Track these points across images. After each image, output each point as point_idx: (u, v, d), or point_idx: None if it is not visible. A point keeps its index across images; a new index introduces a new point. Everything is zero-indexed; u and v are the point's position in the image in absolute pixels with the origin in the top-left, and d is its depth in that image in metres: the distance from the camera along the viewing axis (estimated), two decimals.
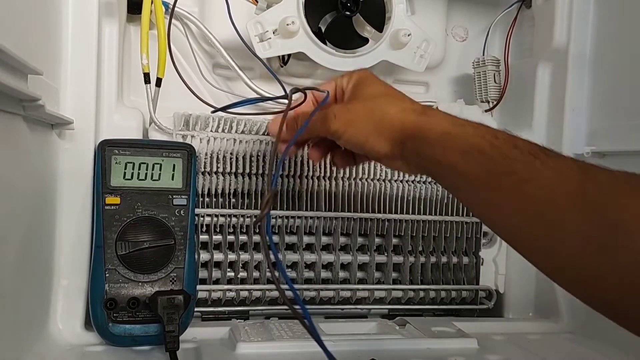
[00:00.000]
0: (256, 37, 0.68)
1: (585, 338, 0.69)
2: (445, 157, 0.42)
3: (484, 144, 0.40)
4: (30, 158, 0.50)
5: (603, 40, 0.73)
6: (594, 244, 0.34)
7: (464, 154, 0.41)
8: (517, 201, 0.38)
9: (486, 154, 0.40)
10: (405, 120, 0.46)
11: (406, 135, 0.45)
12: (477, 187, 0.41)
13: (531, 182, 0.37)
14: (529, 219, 0.37)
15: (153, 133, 0.66)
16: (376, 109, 0.47)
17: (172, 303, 0.55)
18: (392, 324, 0.68)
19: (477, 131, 0.42)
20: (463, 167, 0.41)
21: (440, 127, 0.44)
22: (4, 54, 0.34)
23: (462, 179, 0.42)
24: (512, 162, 0.38)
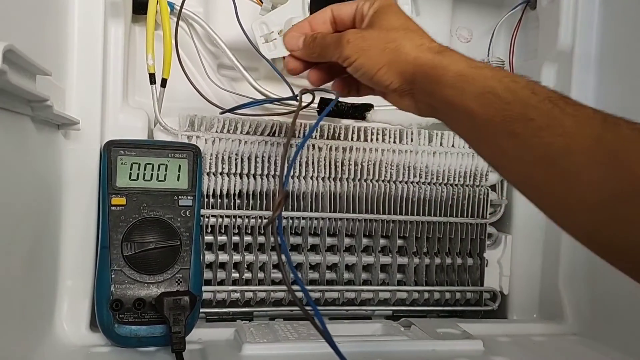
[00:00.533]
0: (261, 38, 0.67)
1: (589, 340, 0.69)
2: (458, 99, 0.41)
3: (501, 88, 0.38)
4: (36, 158, 0.50)
5: (608, 42, 0.73)
6: (613, 197, 0.33)
7: (479, 96, 0.39)
8: (533, 149, 0.36)
9: (502, 98, 0.38)
10: (420, 57, 0.44)
11: (419, 72, 0.44)
12: (490, 132, 0.39)
13: (549, 130, 0.35)
14: (544, 167, 0.36)
15: (158, 134, 0.66)
16: (392, 41, 0.45)
17: (178, 304, 0.55)
18: (397, 325, 0.68)
19: (495, 74, 0.40)
20: (477, 111, 0.39)
21: (456, 67, 0.42)
22: (14, 55, 0.34)
23: (475, 124, 0.40)
24: (530, 108, 0.37)
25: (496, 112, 0.38)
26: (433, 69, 0.43)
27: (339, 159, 0.70)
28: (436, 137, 0.73)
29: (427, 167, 0.73)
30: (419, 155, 0.72)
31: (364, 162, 0.71)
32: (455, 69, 0.42)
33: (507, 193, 0.77)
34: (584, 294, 0.72)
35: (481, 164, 0.74)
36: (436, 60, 0.43)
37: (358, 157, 0.71)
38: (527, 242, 0.77)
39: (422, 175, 0.73)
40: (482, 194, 0.75)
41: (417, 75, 0.44)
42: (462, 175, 0.74)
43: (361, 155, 0.71)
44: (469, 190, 0.74)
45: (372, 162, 0.71)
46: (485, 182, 0.75)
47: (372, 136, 0.71)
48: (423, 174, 0.73)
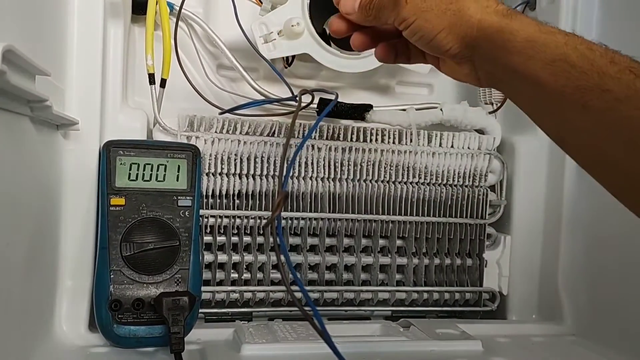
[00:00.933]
0: (261, 38, 0.68)
1: (588, 341, 0.69)
2: (526, 66, 0.37)
3: (576, 56, 0.35)
4: (36, 159, 0.50)
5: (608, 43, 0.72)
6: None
7: (549, 64, 0.36)
8: (610, 123, 0.34)
9: (577, 66, 0.35)
10: (485, 20, 0.40)
11: (483, 36, 0.40)
12: (561, 104, 0.36)
13: (628, 103, 0.33)
14: (622, 144, 0.33)
15: (157, 134, 0.66)
16: (454, 2, 0.42)
17: (177, 304, 0.55)
18: (396, 325, 0.68)
19: (569, 40, 0.37)
20: (546, 80, 0.36)
21: (525, 32, 0.38)
22: (14, 55, 0.34)
23: (543, 94, 0.37)
24: (607, 78, 0.34)
25: (568, 81, 0.35)
26: (499, 33, 0.39)
27: (338, 159, 0.70)
28: (435, 137, 0.73)
29: (426, 167, 0.73)
30: (418, 156, 0.72)
31: (363, 163, 0.71)
32: (524, 33, 0.38)
33: (506, 194, 0.77)
34: (583, 294, 0.72)
35: (480, 164, 0.74)
36: (503, 24, 0.39)
37: (357, 157, 0.71)
38: (526, 243, 0.77)
39: (422, 176, 0.73)
40: (482, 195, 0.75)
41: (481, 40, 0.40)
42: (462, 175, 0.74)
43: (360, 155, 0.71)
44: (468, 191, 0.74)
45: (371, 163, 0.71)
46: (484, 182, 0.75)
47: (371, 136, 0.71)
48: (422, 175, 0.73)
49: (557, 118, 0.38)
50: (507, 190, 0.77)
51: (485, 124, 0.76)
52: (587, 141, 0.36)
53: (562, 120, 0.37)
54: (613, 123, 0.34)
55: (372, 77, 0.78)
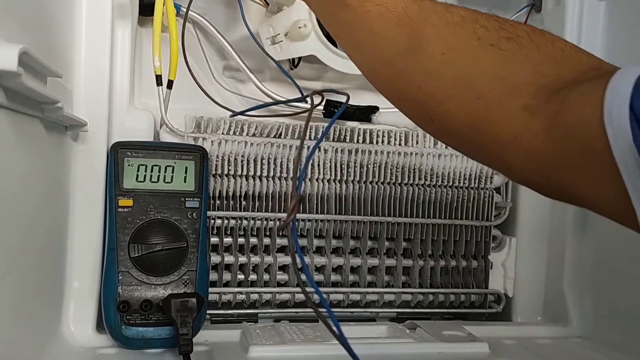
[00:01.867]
0: (267, 40, 0.68)
1: (594, 343, 0.69)
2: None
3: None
4: (46, 160, 0.50)
5: (614, 45, 0.73)
6: (404, 50, 0.40)
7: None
8: (357, 15, 0.41)
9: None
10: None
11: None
12: (329, 3, 0.44)
13: (371, 1, 0.41)
14: (363, 31, 0.42)
15: (164, 135, 0.66)
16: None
17: (186, 306, 0.55)
18: (402, 327, 0.68)
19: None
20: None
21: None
22: (28, 57, 0.34)
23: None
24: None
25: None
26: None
27: (344, 161, 0.70)
28: None
29: (432, 169, 0.73)
30: (424, 158, 0.73)
31: (369, 165, 0.71)
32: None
33: (512, 196, 0.77)
34: (589, 296, 0.72)
35: (486, 167, 0.74)
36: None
37: (363, 159, 0.71)
38: (532, 245, 0.77)
39: (427, 178, 0.73)
40: (487, 197, 0.75)
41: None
42: (467, 177, 0.74)
43: (366, 157, 0.71)
44: (473, 193, 0.74)
45: (377, 165, 0.71)
46: (490, 184, 0.75)
47: (377, 138, 0.71)
48: (428, 177, 0.73)
49: (329, 16, 0.45)
50: (513, 192, 0.77)
51: None
52: (346, 32, 0.44)
53: (333, 17, 0.44)
54: (360, 15, 0.41)
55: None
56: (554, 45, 0.38)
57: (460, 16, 0.40)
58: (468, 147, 0.43)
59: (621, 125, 0.30)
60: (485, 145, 0.39)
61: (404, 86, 0.41)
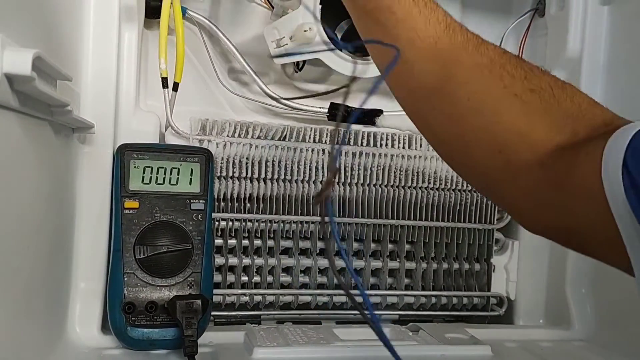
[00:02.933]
0: (273, 43, 0.68)
1: (596, 346, 0.69)
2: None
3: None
4: (54, 162, 0.50)
5: (617, 50, 0.73)
6: (431, 88, 0.40)
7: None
8: (389, 37, 0.41)
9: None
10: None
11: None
12: (364, 17, 0.44)
13: (404, 23, 0.41)
14: (389, 57, 0.41)
15: (170, 137, 0.66)
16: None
17: (191, 307, 0.55)
18: (405, 330, 0.68)
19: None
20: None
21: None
22: (41, 61, 0.35)
23: (355, 7, 0.45)
24: (396, 3, 0.41)
25: (369, 1, 0.42)
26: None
27: (348, 163, 0.70)
28: None
29: (435, 172, 0.73)
30: (428, 161, 0.73)
31: (373, 167, 0.71)
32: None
33: None
34: (591, 300, 0.72)
35: None
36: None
37: (367, 162, 0.71)
38: (534, 248, 0.77)
39: (431, 181, 0.73)
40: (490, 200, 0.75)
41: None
42: None
43: (370, 160, 0.71)
44: (477, 196, 0.75)
45: (381, 167, 0.71)
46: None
47: (381, 141, 0.72)
48: (432, 180, 0.73)
49: (363, 29, 0.45)
50: None
51: None
52: (377, 51, 0.44)
53: (366, 31, 0.44)
54: (391, 38, 0.41)
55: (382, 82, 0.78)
56: (572, 101, 0.39)
57: (489, 59, 0.40)
58: (485, 190, 0.46)
59: (615, 180, 0.33)
60: (501, 191, 0.42)
61: (429, 122, 0.42)
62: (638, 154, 0.33)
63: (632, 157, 0.33)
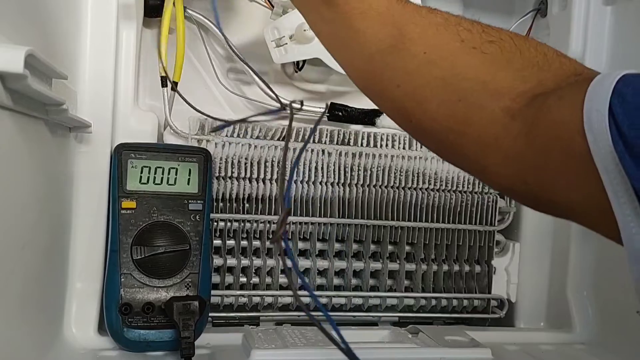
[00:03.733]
0: (272, 43, 0.68)
1: (598, 349, 0.69)
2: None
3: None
4: (50, 162, 0.50)
5: (619, 51, 0.72)
6: (385, 47, 0.40)
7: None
8: (341, 14, 0.42)
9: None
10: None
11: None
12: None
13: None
14: (345, 28, 0.42)
15: (168, 137, 0.66)
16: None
17: (188, 309, 0.55)
18: (404, 332, 0.68)
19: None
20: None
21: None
22: (34, 59, 0.34)
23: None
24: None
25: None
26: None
27: (348, 164, 0.70)
28: None
29: (436, 173, 0.73)
30: (428, 162, 0.72)
31: (373, 168, 0.71)
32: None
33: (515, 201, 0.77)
34: (592, 302, 0.72)
35: None
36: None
37: (367, 162, 0.70)
38: (535, 250, 0.76)
39: (431, 182, 0.73)
40: (491, 201, 0.75)
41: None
42: (471, 182, 0.74)
43: (370, 161, 0.71)
44: (477, 197, 0.74)
45: (381, 168, 0.71)
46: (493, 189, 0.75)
47: (381, 142, 0.71)
48: (432, 181, 0.73)
49: (313, 13, 0.45)
50: None
51: None
52: (328, 29, 0.44)
53: (317, 14, 0.44)
54: (343, 14, 0.41)
55: None
56: (537, 50, 0.38)
57: (443, 18, 0.40)
58: (447, 150, 0.42)
59: (601, 131, 0.30)
60: (464, 147, 0.39)
61: (384, 84, 0.42)
62: (627, 100, 0.30)
63: (620, 105, 0.30)
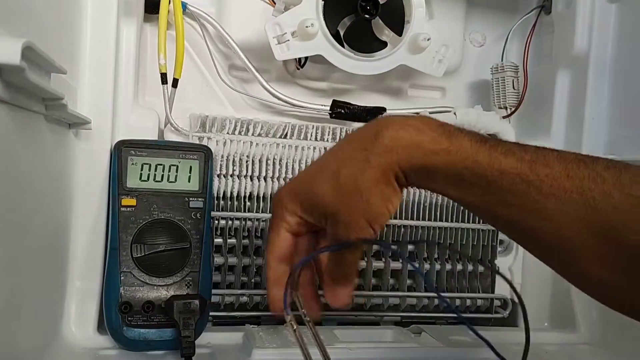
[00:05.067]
0: (274, 39, 0.67)
1: (602, 350, 0.68)
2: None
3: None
4: (48, 158, 0.49)
5: (624, 48, 0.72)
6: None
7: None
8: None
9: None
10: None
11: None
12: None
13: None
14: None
15: (169, 134, 0.65)
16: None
17: (189, 308, 0.54)
18: (407, 331, 0.67)
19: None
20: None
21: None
22: (32, 52, 0.34)
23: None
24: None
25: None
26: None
27: None
28: None
29: None
30: None
31: None
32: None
33: None
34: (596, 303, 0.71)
35: None
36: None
37: None
38: None
39: None
40: None
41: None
42: None
43: None
44: None
45: None
46: None
47: None
48: None
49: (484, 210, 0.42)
50: None
51: (498, 129, 0.75)
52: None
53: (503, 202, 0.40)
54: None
55: (384, 79, 0.78)
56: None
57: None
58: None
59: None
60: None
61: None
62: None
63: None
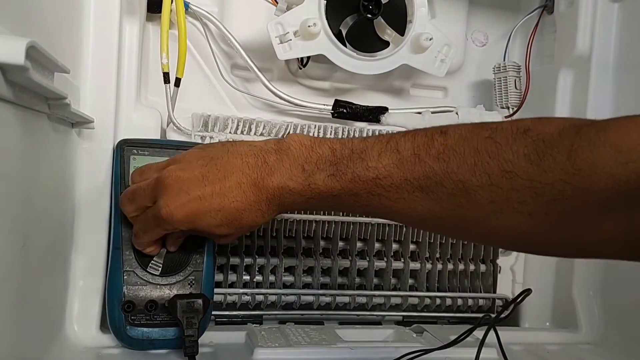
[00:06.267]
0: (276, 39, 0.67)
1: (604, 349, 0.68)
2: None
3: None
4: (52, 157, 0.49)
5: (627, 48, 0.72)
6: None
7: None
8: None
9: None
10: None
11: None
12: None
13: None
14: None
15: (171, 133, 0.65)
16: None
17: (192, 307, 0.54)
18: (409, 331, 0.67)
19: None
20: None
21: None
22: (36, 51, 0.34)
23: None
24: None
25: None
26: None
27: None
28: None
29: None
30: None
31: None
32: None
33: None
34: (599, 302, 0.71)
35: None
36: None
37: None
38: None
39: None
40: None
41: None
42: None
43: None
44: None
45: None
46: None
47: None
48: None
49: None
50: None
51: None
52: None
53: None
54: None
55: (386, 79, 0.78)
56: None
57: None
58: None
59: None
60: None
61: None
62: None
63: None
